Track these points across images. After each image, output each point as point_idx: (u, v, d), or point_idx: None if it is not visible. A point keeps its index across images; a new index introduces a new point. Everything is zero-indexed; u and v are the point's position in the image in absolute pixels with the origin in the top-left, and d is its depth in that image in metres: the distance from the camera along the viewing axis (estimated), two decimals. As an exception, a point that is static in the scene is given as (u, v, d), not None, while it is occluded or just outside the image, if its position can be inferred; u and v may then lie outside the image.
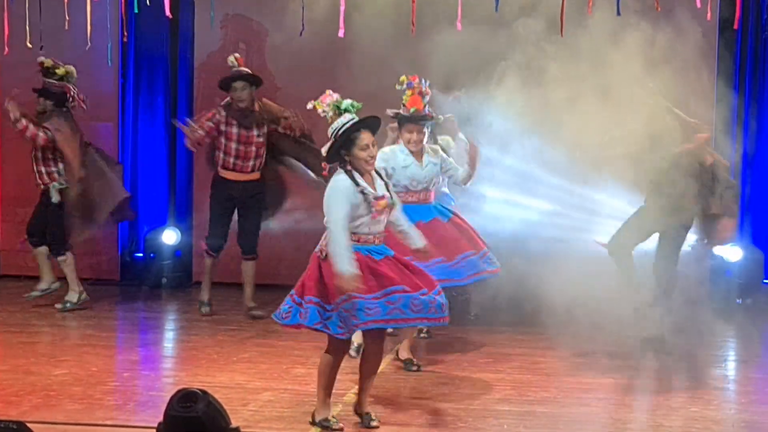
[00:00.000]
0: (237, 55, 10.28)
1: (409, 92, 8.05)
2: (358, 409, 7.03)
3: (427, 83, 8.19)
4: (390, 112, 8.14)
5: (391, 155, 8.19)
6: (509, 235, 10.14)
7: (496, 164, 10.49)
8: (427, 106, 8.18)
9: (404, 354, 8.48)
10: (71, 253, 10.50)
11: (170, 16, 8.57)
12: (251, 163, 10.19)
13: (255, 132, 10.15)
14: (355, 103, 6.91)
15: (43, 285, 10.63)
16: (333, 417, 6.92)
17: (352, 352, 7.94)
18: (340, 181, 6.73)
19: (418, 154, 8.23)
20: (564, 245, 10.55)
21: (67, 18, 8.57)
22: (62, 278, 10.61)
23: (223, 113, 10.13)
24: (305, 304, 6.68)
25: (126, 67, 12.00)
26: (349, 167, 6.74)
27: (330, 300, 6.63)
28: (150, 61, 12.09)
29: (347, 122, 6.78)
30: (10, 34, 8.98)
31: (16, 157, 11.07)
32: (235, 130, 10.12)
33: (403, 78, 8.08)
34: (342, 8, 7.96)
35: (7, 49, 9.06)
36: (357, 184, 6.68)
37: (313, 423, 6.88)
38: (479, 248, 8.32)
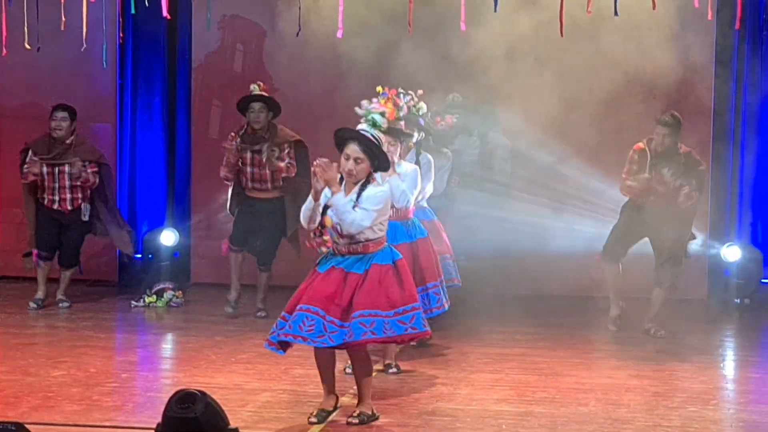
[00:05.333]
0: (260, 83, 10.27)
1: (382, 101, 7.77)
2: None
3: (407, 98, 7.99)
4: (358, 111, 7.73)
5: None
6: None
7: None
8: (402, 120, 7.98)
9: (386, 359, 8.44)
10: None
11: (168, 17, 8.55)
12: (269, 185, 10.24)
13: (266, 156, 10.18)
14: (378, 119, 7.36)
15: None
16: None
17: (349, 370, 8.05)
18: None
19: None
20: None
21: (63, 19, 8.54)
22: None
23: (238, 139, 10.18)
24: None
25: (124, 68, 11.99)
26: None
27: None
28: (148, 62, 12.09)
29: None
30: (7, 36, 8.96)
31: (15, 159, 11.06)
32: (249, 154, 10.18)
33: (379, 88, 7.85)
34: (341, 9, 7.94)
35: (5, 50, 9.05)
36: None
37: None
38: (429, 281, 8.26)
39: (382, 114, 7.54)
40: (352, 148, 6.80)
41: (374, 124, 7.42)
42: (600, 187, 10.28)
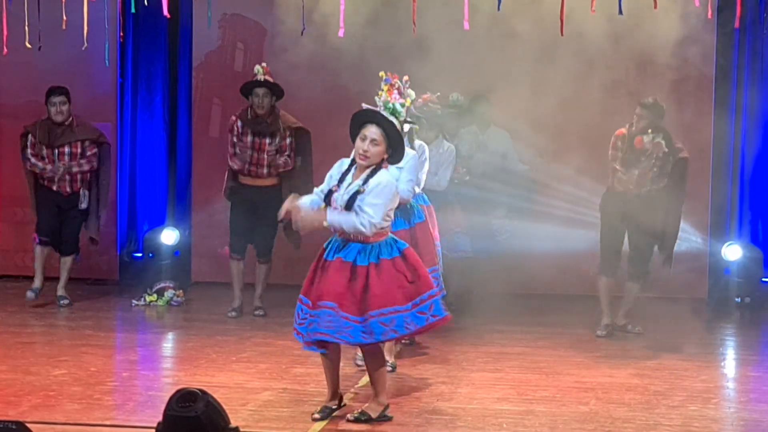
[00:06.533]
0: (264, 65, 10.28)
1: (385, 88, 7.75)
2: None
3: (407, 85, 7.95)
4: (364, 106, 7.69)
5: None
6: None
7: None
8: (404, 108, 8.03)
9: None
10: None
11: (168, 16, 8.55)
12: (265, 170, 10.21)
13: (268, 140, 10.19)
14: (399, 108, 7.28)
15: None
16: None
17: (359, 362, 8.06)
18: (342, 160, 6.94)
19: None
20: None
21: (64, 18, 8.54)
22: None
23: (239, 122, 10.18)
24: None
25: (124, 66, 11.99)
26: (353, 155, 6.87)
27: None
28: (148, 61, 12.08)
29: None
30: (8, 35, 8.96)
31: (14, 157, 11.07)
32: (249, 138, 10.17)
33: (382, 73, 7.83)
34: (342, 7, 7.93)
35: (5, 49, 9.05)
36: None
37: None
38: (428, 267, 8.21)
39: (402, 105, 7.52)
40: (371, 130, 6.74)
41: (394, 112, 7.38)
42: (602, 183, 10.26)
